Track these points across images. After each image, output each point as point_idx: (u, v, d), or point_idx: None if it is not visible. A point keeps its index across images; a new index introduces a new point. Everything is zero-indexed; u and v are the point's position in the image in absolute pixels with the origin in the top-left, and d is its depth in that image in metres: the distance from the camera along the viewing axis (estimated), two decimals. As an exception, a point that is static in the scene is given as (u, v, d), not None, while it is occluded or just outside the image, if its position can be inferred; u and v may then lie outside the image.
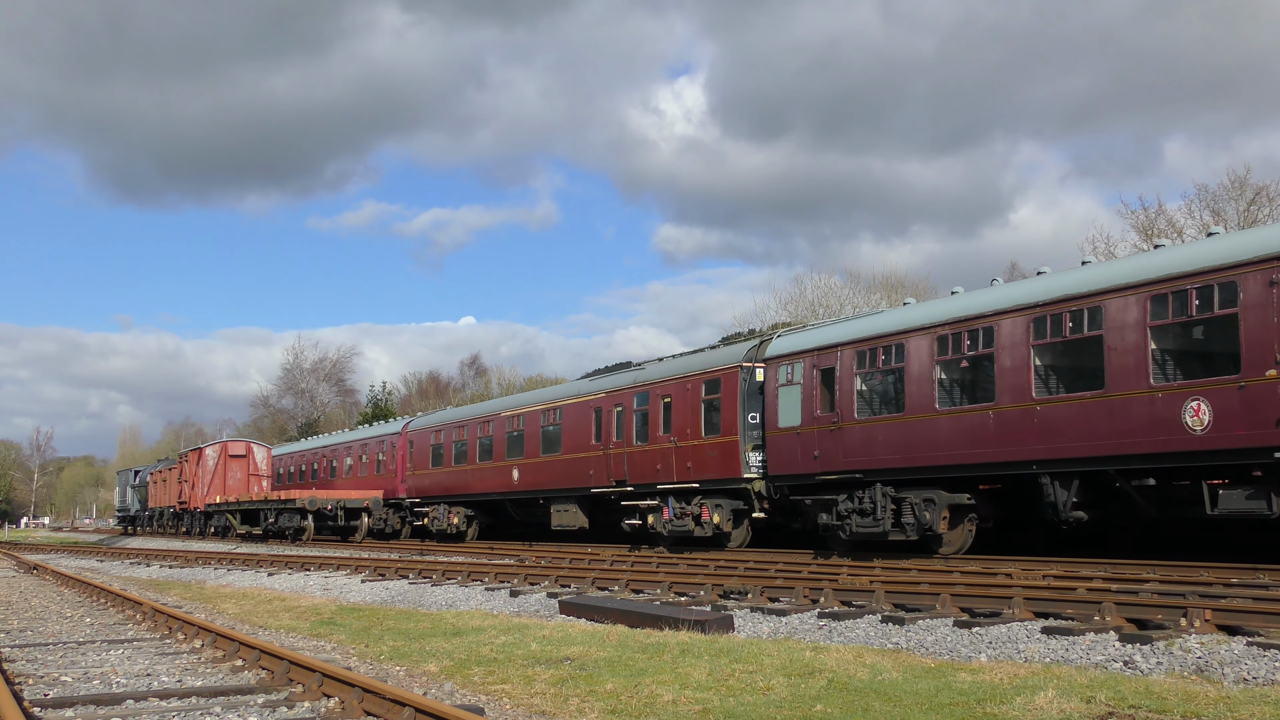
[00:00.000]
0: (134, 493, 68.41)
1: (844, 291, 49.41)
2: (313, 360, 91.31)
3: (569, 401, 28.91)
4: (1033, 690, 7.56)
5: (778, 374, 21.46)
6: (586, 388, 28.41)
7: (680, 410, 23.95)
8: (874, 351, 19.36)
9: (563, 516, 28.60)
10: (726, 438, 22.48)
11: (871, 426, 19.20)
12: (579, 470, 27.67)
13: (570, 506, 28.38)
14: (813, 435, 20.29)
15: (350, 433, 48.65)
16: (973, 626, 10.66)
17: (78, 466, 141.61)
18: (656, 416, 24.76)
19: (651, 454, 24.76)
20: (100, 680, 9.32)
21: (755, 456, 21.95)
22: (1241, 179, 37.27)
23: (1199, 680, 8.00)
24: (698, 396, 23.50)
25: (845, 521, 19.36)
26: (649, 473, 24.75)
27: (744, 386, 22.30)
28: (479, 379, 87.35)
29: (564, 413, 28.91)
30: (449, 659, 10.50)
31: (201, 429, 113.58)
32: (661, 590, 15.13)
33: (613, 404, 26.56)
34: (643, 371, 26.23)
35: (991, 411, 17.02)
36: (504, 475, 31.69)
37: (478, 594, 16.84)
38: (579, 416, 28.05)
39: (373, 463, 41.16)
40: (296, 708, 7.82)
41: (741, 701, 7.80)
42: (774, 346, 22.07)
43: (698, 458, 23.21)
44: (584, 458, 27.56)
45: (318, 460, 47.58)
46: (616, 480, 26.01)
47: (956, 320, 17.83)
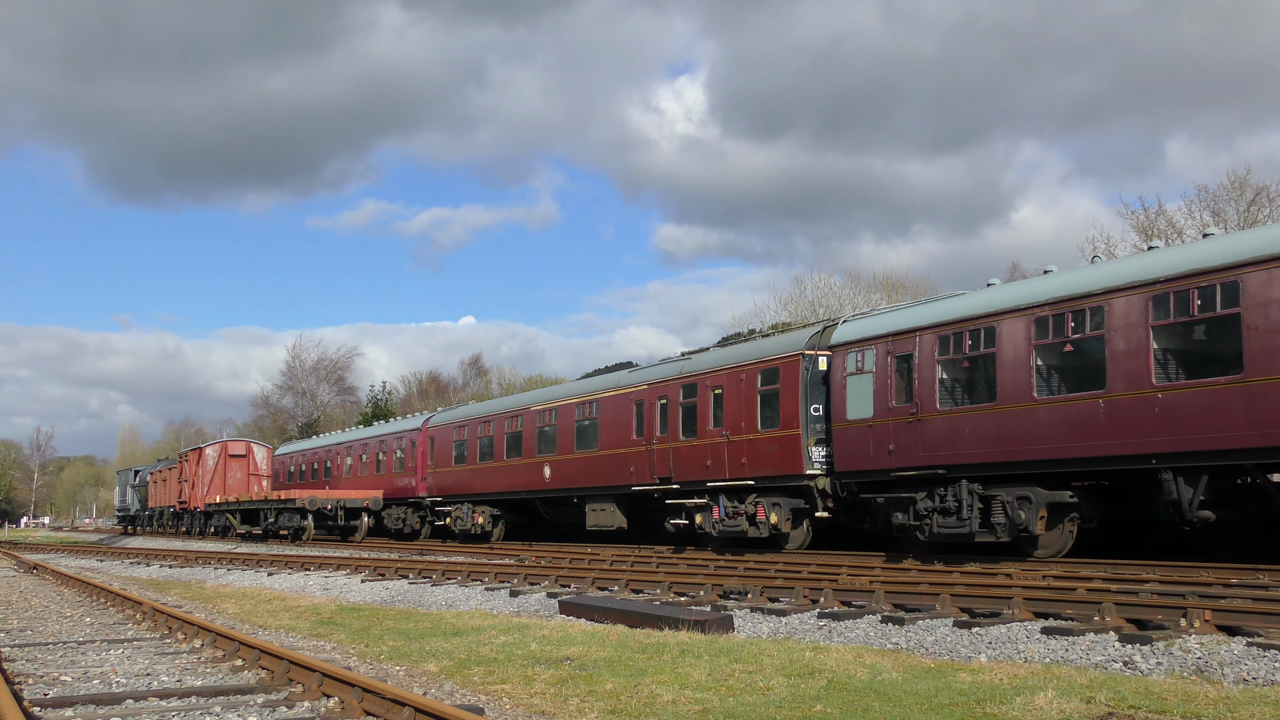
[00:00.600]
0: (134, 492, 68.42)
1: (844, 291, 49.46)
2: (313, 360, 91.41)
3: (607, 394, 27.16)
4: (1033, 690, 7.56)
5: (845, 362, 19.82)
6: (626, 379, 26.79)
7: (733, 402, 22.35)
8: (959, 336, 17.72)
9: (599, 516, 27.02)
10: (786, 431, 20.91)
11: (956, 417, 17.67)
12: (618, 467, 26.13)
13: (607, 505, 26.80)
14: (887, 428, 18.82)
15: (366, 429, 46.89)
16: (972, 627, 10.66)
17: (78, 466, 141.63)
18: (706, 409, 23.18)
19: (700, 449, 23.23)
20: (100, 680, 9.32)
21: (819, 451, 20.51)
22: (1242, 179, 37.33)
23: (1199, 680, 8.00)
24: (753, 387, 21.88)
25: (924, 521, 17.93)
26: (697, 469, 23.22)
27: (806, 376, 20.77)
28: (479, 379, 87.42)
29: (601, 406, 27.26)
30: (449, 659, 10.50)
31: (201, 429, 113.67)
32: (661, 590, 15.14)
33: (656, 396, 25.01)
34: (689, 362, 24.64)
35: (1102, 400, 15.36)
36: (534, 472, 30.10)
37: (478, 594, 16.85)
38: (618, 410, 26.45)
39: (390, 460, 39.68)
40: (296, 707, 7.82)
41: (741, 701, 7.80)
42: (841, 332, 20.37)
43: (753, 453, 21.68)
44: (624, 454, 25.99)
45: (331, 458, 45.97)
46: (660, 477, 24.52)
47: (1058, 300, 16.19)
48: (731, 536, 22.20)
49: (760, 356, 22.06)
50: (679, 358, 26.13)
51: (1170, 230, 36.96)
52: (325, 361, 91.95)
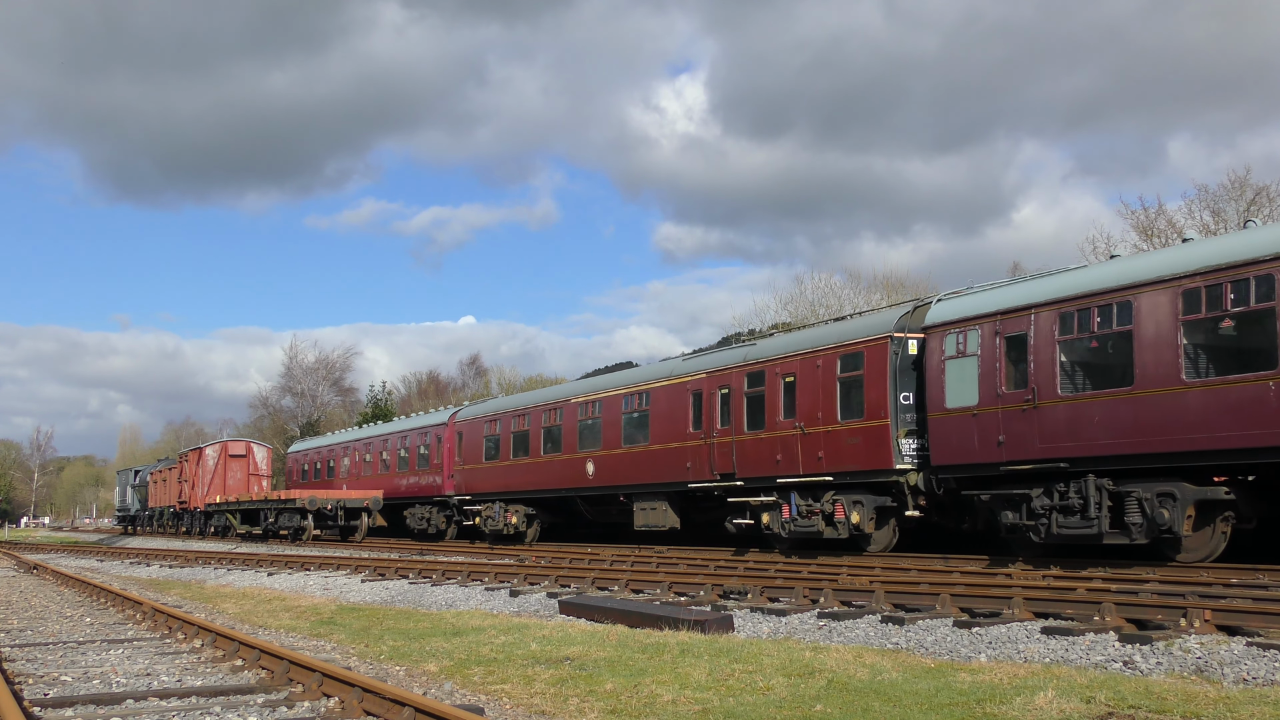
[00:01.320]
0: (134, 492, 68.42)
1: (844, 291, 49.44)
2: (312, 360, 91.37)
3: (660, 384, 25.37)
4: (1032, 690, 7.56)
5: (943, 344, 18.01)
6: (681, 368, 24.96)
7: (808, 391, 20.58)
8: (1085, 313, 15.86)
9: (649, 515, 25.18)
10: (872, 422, 19.19)
11: (1082, 404, 15.82)
12: (672, 462, 24.39)
13: (659, 504, 24.96)
14: (995, 417, 16.99)
15: (386, 425, 44.96)
16: (972, 627, 10.66)
17: (78, 466, 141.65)
18: (775, 399, 21.39)
19: (769, 442, 21.42)
20: (100, 680, 9.32)
21: (909, 444, 18.81)
22: (1242, 179, 37.31)
23: (1199, 680, 8.00)
24: (831, 374, 20.11)
25: (1040, 521, 16.20)
26: (765, 464, 21.46)
27: (894, 361, 18.99)
28: (479, 379, 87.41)
29: (653, 397, 25.44)
30: (449, 659, 10.50)
31: (201, 429, 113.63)
32: (661, 590, 15.14)
33: (716, 386, 23.19)
34: (753, 348, 22.89)
35: (1273, 381, 13.55)
36: (575, 469, 28.28)
37: (478, 594, 16.85)
38: (672, 401, 24.63)
39: (413, 457, 37.97)
40: (296, 707, 7.83)
41: (741, 701, 7.80)
42: (937, 312, 18.53)
43: (832, 446, 19.92)
44: (679, 448, 24.20)
45: (348, 455, 44.49)
46: (721, 473, 22.78)
47: (1213, 269, 14.38)
48: (804, 537, 20.54)
49: (840, 340, 20.27)
50: (742, 343, 24.70)
51: (1170, 230, 36.95)
52: (324, 362, 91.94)
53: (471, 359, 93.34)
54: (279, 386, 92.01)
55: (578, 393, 29.40)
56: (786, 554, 20.54)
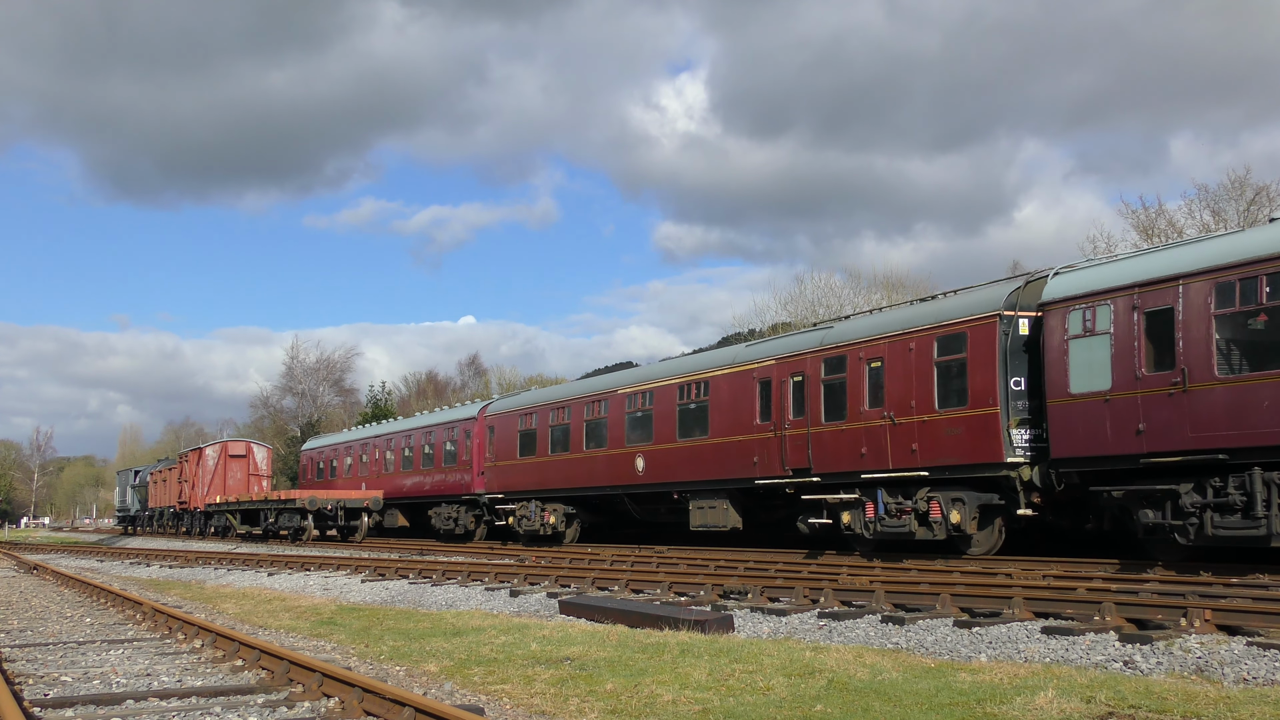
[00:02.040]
0: (134, 493, 68.44)
1: (844, 291, 49.43)
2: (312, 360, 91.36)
3: (721, 372, 23.49)
4: (1033, 690, 7.57)
5: (1066, 322, 16.17)
6: (746, 354, 23.27)
7: (899, 377, 18.80)
8: (1251, 283, 13.96)
9: (707, 514, 23.42)
10: (978, 410, 17.33)
11: (1247, 388, 13.98)
12: (735, 456, 22.52)
13: (719, 502, 23.15)
14: (1133, 402, 15.17)
15: (409, 420, 43.01)
16: (973, 626, 10.67)
17: (78, 466, 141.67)
18: (858, 386, 19.59)
19: (851, 434, 19.65)
20: (100, 680, 9.33)
21: (1021, 434, 17.00)
22: (1242, 179, 37.31)
23: (1199, 680, 8.00)
24: (927, 358, 18.32)
25: (1188, 521, 14.42)
26: (846, 458, 19.69)
27: (1004, 342, 17.19)
28: (478, 379, 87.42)
29: (713, 386, 23.58)
30: (449, 659, 10.51)
31: (202, 429, 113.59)
32: (661, 590, 15.14)
33: (788, 373, 21.28)
34: (831, 331, 21.01)
35: None
36: (622, 465, 26.32)
37: (478, 594, 16.85)
38: (736, 390, 22.78)
39: (439, 453, 36.04)
40: (296, 708, 7.83)
41: (741, 701, 7.80)
42: (1057, 286, 16.63)
43: (928, 438, 18.14)
44: (743, 441, 22.33)
45: (366, 452, 42.59)
46: (794, 469, 20.87)
47: None
48: (892, 539, 18.82)
49: (938, 320, 18.43)
50: (817, 325, 22.93)
51: (1170, 230, 36.95)
52: (324, 362, 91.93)
53: (470, 359, 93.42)
54: (280, 387, 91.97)
55: (626, 383, 27.40)
56: (868, 556, 19.02)
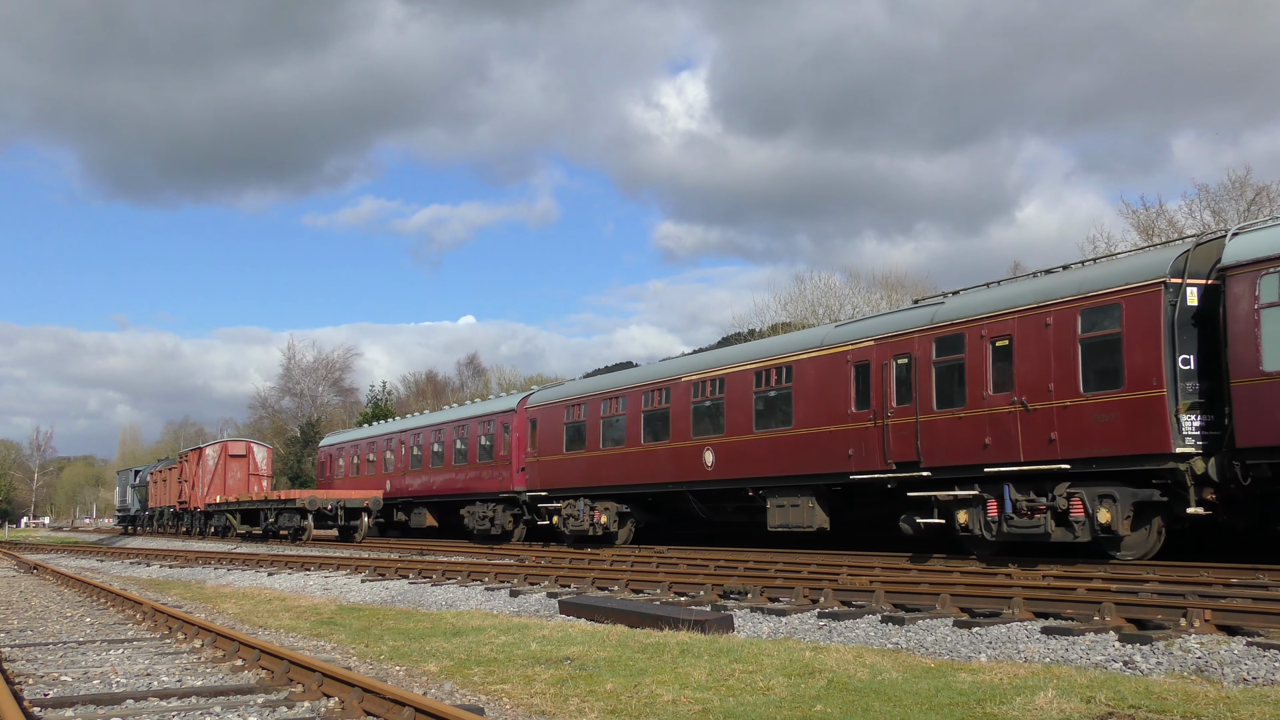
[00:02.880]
0: (134, 492, 68.46)
1: (844, 290, 49.47)
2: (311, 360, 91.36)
3: (806, 355, 21.42)
4: (1033, 690, 7.57)
5: (1255, 289, 14.19)
6: (836, 335, 21.17)
7: (1033, 356, 16.72)
8: None
9: (789, 514, 21.33)
10: (1138, 393, 15.30)
11: None
12: (824, 449, 20.49)
13: (803, 500, 21.05)
14: None
15: (437, 414, 40.87)
16: (973, 626, 10.67)
17: (78, 466, 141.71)
18: (980, 368, 17.51)
19: (971, 423, 17.58)
20: (100, 680, 9.33)
21: (1192, 420, 15.01)
22: (1242, 179, 37.32)
23: (1199, 680, 8.00)
24: (1069, 334, 16.27)
25: None
26: (965, 449, 17.67)
27: (1170, 315, 15.20)
28: (477, 379, 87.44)
29: (797, 371, 21.50)
30: (449, 659, 10.51)
31: (202, 429, 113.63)
32: (661, 590, 15.14)
33: (891, 354, 19.25)
34: (944, 306, 18.80)
35: None
36: (688, 459, 24.27)
37: (478, 594, 16.86)
38: (825, 375, 20.73)
39: (472, 448, 34.01)
40: (296, 708, 7.83)
41: (741, 701, 7.80)
42: (1239, 249, 14.73)
43: (1071, 425, 16.07)
44: (835, 432, 20.29)
45: (390, 448, 40.74)
46: (899, 462, 18.87)
47: None
48: (1021, 540, 16.83)
49: (1082, 291, 16.35)
50: (920, 302, 20.91)
51: (1170, 229, 36.94)
52: (323, 362, 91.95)
53: (469, 359, 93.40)
54: (278, 387, 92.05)
55: (691, 369, 25.17)
56: (987, 561, 17.15)
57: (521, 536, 32.56)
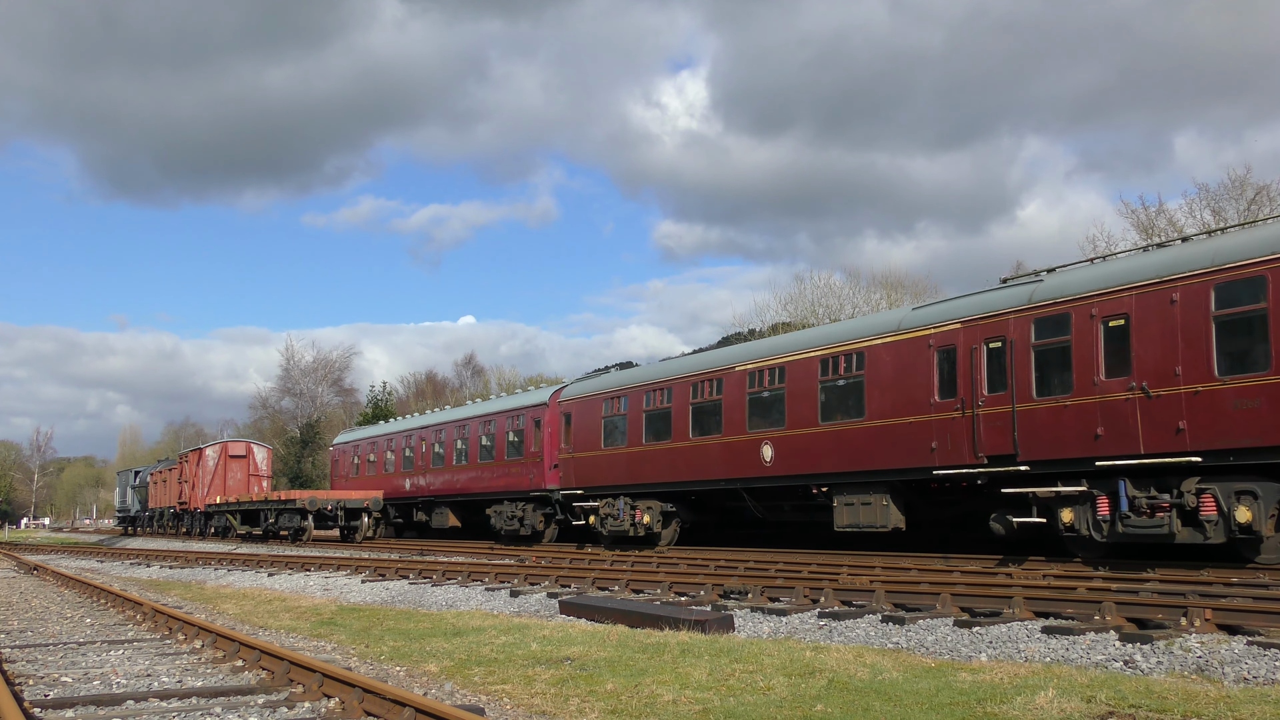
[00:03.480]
0: (134, 493, 68.47)
1: (844, 290, 49.46)
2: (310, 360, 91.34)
3: (880, 340, 19.76)
4: (1033, 690, 7.56)
5: None
6: (915, 318, 19.51)
7: (1155, 337, 15.20)
8: None
9: (859, 512, 19.76)
10: None
11: None
12: (903, 442, 18.94)
13: (875, 497, 19.54)
14: None
15: (461, 409, 38.98)
16: (973, 626, 10.67)
17: (78, 467, 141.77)
18: (1090, 350, 15.95)
19: (1079, 411, 16.02)
20: (100, 681, 9.33)
21: None
22: (1242, 178, 37.31)
23: (1199, 680, 8.00)
24: (1200, 311, 14.73)
25: None
26: (1072, 441, 16.08)
27: None
28: (476, 379, 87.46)
29: (869, 358, 19.85)
30: (449, 659, 10.51)
31: (201, 429, 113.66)
32: (662, 590, 15.14)
33: (981, 338, 17.70)
34: (1044, 284, 17.21)
35: None
36: (743, 454, 22.66)
37: (478, 594, 16.86)
38: (903, 361, 19.13)
39: (500, 445, 32.51)
40: (297, 708, 7.83)
41: (742, 701, 7.80)
42: None
43: (1203, 413, 14.50)
44: (915, 423, 18.71)
45: (409, 445, 39.31)
46: (991, 455, 17.24)
47: None
48: (1139, 541, 15.39)
49: (1217, 263, 14.73)
50: (1009, 281, 18.89)
51: (1171, 229, 36.94)
52: (323, 362, 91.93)
53: (467, 359, 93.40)
54: (277, 387, 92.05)
55: (747, 358, 23.50)
56: (1094, 565, 15.57)
57: (553, 537, 31.14)
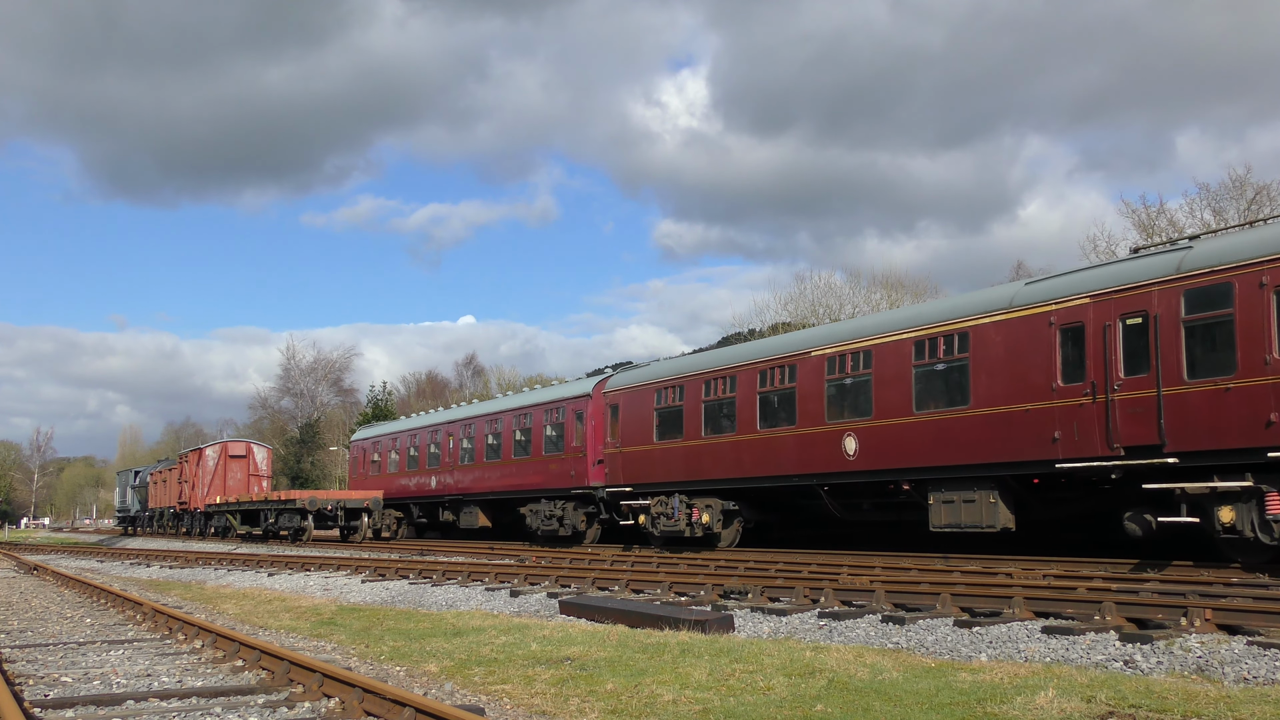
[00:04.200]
0: (134, 493, 68.48)
1: (844, 290, 49.46)
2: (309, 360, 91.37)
3: (989, 319, 17.80)
4: (1033, 690, 7.56)
5: None
6: (1030, 294, 17.39)
7: None
8: None
9: (960, 511, 17.89)
10: None
11: None
12: (1017, 432, 17.00)
13: (980, 494, 17.57)
14: None
15: (492, 402, 37.17)
16: (973, 626, 10.66)
17: (78, 467, 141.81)
18: (1259, 326, 14.03)
19: (1244, 395, 14.15)
20: (101, 681, 9.33)
21: None
22: (1242, 178, 37.32)
23: (1199, 679, 8.00)
24: None
25: None
26: (1233, 429, 14.20)
27: None
28: (476, 379, 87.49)
29: (975, 338, 17.94)
30: (449, 659, 10.51)
31: (201, 429, 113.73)
32: (662, 590, 15.14)
33: (1116, 313, 15.79)
34: (1192, 252, 15.37)
35: None
36: (822, 447, 20.69)
37: (478, 594, 16.86)
38: (1017, 341, 17.17)
39: (536, 440, 30.83)
40: (297, 708, 7.83)
41: (742, 701, 7.80)
42: None
43: None
44: (1032, 411, 16.75)
45: (435, 441, 37.39)
46: (1129, 445, 15.38)
47: None
48: None
49: None
50: (1153, 250, 16.88)
51: (1171, 229, 36.94)
52: (322, 362, 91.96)
53: (468, 359, 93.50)
54: (277, 388, 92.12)
55: (825, 341, 21.57)
56: (1257, 569, 13.70)
57: (596, 538, 29.26)
